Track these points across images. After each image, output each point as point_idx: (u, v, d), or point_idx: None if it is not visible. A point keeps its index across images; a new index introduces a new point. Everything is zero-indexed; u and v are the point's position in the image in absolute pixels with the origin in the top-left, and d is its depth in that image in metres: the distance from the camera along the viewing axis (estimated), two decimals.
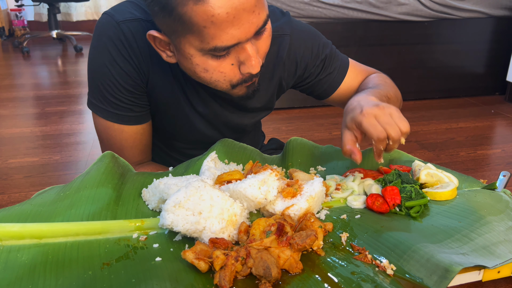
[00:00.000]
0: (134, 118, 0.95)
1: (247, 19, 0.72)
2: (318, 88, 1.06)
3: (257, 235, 0.65)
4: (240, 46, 0.75)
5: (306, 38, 1.00)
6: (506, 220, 0.73)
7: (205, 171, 0.81)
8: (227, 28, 0.71)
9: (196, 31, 0.72)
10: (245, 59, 0.77)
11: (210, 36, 0.72)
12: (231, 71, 0.79)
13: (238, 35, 0.72)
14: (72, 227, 0.69)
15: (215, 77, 0.80)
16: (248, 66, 0.78)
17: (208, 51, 0.75)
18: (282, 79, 1.02)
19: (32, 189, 1.58)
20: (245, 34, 0.73)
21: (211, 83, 0.82)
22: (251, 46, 0.76)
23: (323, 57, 1.02)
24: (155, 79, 0.91)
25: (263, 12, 0.74)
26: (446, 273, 0.58)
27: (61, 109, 2.58)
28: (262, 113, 1.08)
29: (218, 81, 0.81)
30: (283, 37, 0.97)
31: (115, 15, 0.87)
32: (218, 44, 0.73)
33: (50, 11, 4.55)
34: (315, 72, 1.03)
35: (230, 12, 0.69)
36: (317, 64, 1.02)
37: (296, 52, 0.99)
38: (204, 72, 0.79)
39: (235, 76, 0.80)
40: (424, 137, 2.15)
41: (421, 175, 0.85)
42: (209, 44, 0.73)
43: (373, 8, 2.47)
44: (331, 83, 1.05)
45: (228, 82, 0.81)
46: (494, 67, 2.84)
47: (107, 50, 0.87)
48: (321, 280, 0.59)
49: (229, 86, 0.82)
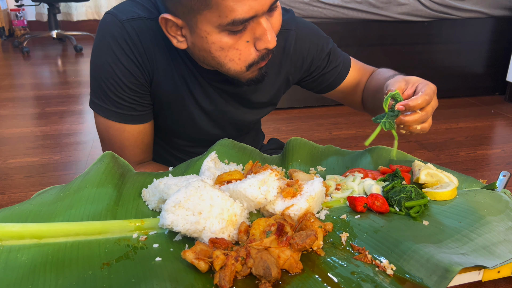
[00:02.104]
0: (136, 117, 0.95)
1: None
2: (324, 82, 1.08)
3: (257, 235, 0.65)
4: (255, 21, 0.77)
5: (310, 33, 1.02)
6: (506, 220, 0.73)
7: (205, 171, 0.81)
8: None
9: (214, 5, 0.73)
10: (261, 34, 0.78)
11: (229, 9, 0.73)
12: (246, 49, 0.80)
13: (255, 6, 0.74)
14: (72, 227, 0.69)
15: (230, 56, 0.80)
16: (265, 41, 0.79)
17: (226, 25, 0.75)
18: (289, 74, 1.04)
19: (32, 189, 1.58)
20: (262, 6, 0.75)
21: (225, 64, 0.82)
22: (266, 20, 0.78)
23: (328, 51, 1.04)
24: (159, 77, 0.92)
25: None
26: (446, 273, 0.58)
27: (61, 109, 2.58)
28: (266, 108, 1.09)
29: (233, 60, 0.81)
30: (289, 32, 0.98)
31: (119, 14, 0.87)
32: (237, 16, 0.74)
33: (50, 11, 4.55)
34: (321, 65, 1.05)
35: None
36: (322, 57, 1.04)
37: (302, 46, 1.01)
38: (220, 51, 0.80)
39: (250, 55, 0.81)
40: (424, 137, 2.15)
41: (421, 175, 0.85)
42: (227, 18, 0.74)
43: (373, 8, 2.47)
44: (336, 76, 1.07)
45: (243, 63, 0.82)
46: (494, 67, 2.84)
47: (110, 49, 0.87)
48: (321, 280, 0.59)
49: (243, 68, 0.83)
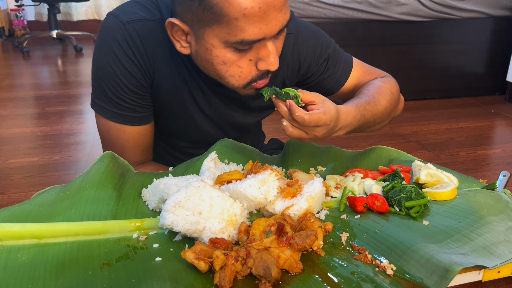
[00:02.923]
0: (136, 118, 0.95)
1: (275, 16, 0.74)
2: (321, 88, 1.06)
3: (257, 235, 0.65)
4: (262, 42, 0.77)
5: (309, 38, 1.00)
6: (506, 220, 0.73)
7: (205, 171, 0.81)
8: (256, 22, 0.73)
9: (225, 22, 0.73)
10: (264, 55, 0.78)
11: (239, 29, 0.73)
12: (248, 67, 0.80)
13: (265, 30, 0.74)
14: (72, 227, 0.69)
15: (231, 72, 0.81)
16: (267, 63, 0.79)
17: (233, 43, 0.76)
18: (286, 78, 1.02)
19: (32, 189, 1.58)
20: (271, 31, 0.75)
21: (225, 78, 0.82)
22: (272, 43, 0.78)
23: (326, 56, 1.02)
24: (160, 79, 0.92)
25: (288, 12, 0.77)
26: (446, 273, 0.58)
27: (61, 109, 2.58)
28: (265, 112, 1.09)
29: (233, 76, 0.81)
30: (288, 36, 0.98)
31: (120, 16, 0.87)
32: (246, 37, 0.74)
33: (50, 11, 4.55)
34: (318, 71, 1.03)
35: (262, 7, 0.71)
36: (320, 63, 1.02)
37: (300, 51, 1.00)
38: (222, 65, 0.80)
39: (250, 73, 0.81)
40: (424, 137, 2.15)
41: (421, 175, 0.85)
42: (236, 37, 0.74)
43: (373, 8, 2.47)
44: (334, 83, 1.05)
45: (243, 80, 0.82)
46: (494, 67, 2.84)
47: (112, 50, 0.87)
48: (321, 280, 0.59)
49: (241, 85, 0.83)
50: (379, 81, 1.02)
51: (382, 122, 0.98)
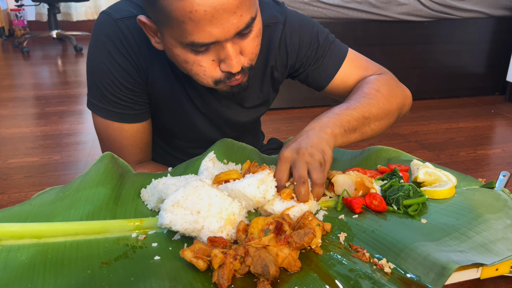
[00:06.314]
0: (134, 116, 0.95)
1: (227, 19, 0.72)
2: (312, 79, 1.03)
3: (256, 233, 0.65)
4: (220, 44, 0.76)
5: (298, 27, 0.98)
6: (504, 218, 0.73)
7: (204, 171, 0.81)
8: (205, 26, 0.71)
9: (175, 25, 0.73)
10: (225, 58, 0.78)
11: (188, 32, 0.73)
12: (211, 67, 0.80)
13: (216, 34, 0.73)
14: (71, 227, 0.69)
15: (195, 70, 0.80)
16: (228, 65, 0.78)
17: (186, 45, 0.76)
18: (274, 69, 1.00)
19: (32, 189, 1.59)
20: (224, 34, 0.73)
21: (193, 76, 0.83)
22: (231, 45, 0.76)
23: (315, 46, 0.99)
24: (154, 76, 0.92)
25: (246, 14, 0.74)
26: (443, 270, 0.58)
27: (61, 109, 2.58)
28: (260, 108, 1.07)
29: (198, 75, 0.81)
30: (276, 25, 0.96)
31: (113, 14, 0.87)
32: (196, 40, 0.74)
33: (50, 11, 4.56)
34: (307, 62, 1.00)
35: (208, 11, 0.70)
36: (308, 54, 0.99)
37: (287, 40, 0.98)
38: (185, 63, 0.80)
39: (216, 73, 0.81)
40: (424, 137, 2.15)
41: (419, 174, 0.85)
42: (186, 39, 0.74)
43: (373, 8, 2.47)
44: (324, 74, 1.01)
45: (209, 78, 0.81)
46: (494, 67, 2.84)
47: (105, 48, 0.87)
48: (319, 278, 0.60)
49: (210, 83, 0.82)
50: (371, 80, 0.98)
51: (381, 120, 0.94)
